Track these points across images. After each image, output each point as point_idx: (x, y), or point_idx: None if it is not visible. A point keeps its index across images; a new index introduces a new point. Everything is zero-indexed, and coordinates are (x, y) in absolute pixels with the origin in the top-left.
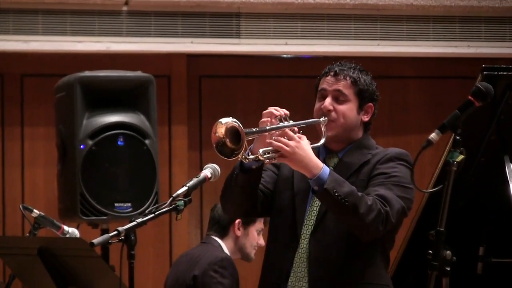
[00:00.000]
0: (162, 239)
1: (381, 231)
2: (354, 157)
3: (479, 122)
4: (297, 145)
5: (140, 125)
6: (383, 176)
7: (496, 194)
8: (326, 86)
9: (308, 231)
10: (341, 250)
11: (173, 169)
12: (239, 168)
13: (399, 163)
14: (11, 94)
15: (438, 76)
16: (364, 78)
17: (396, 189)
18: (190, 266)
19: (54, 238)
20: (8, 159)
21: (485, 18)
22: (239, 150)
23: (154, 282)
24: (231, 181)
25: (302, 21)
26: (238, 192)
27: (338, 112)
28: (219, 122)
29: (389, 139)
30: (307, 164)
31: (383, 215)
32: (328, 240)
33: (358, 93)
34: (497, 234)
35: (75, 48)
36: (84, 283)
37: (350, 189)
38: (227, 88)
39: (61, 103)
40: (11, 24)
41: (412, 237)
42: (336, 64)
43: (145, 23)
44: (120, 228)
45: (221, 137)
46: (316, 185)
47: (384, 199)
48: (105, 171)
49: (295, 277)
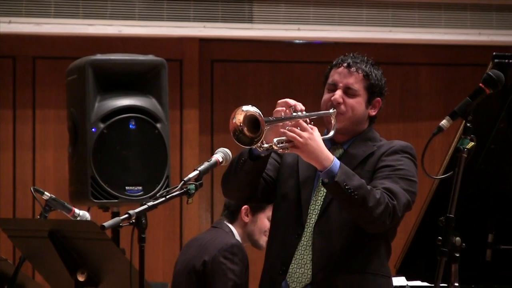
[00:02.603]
0: (172, 223)
1: (388, 225)
2: (359, 149)
3: (489, 110)
4: (310, 136)
5: (152, 109)
6: (389, 169)
7: (506, 182)
8: (337, 78)
9: (313, 220)
10: (345, 240)
11: (184, 152)
12: (248, 155)
13: (404, 156)
14: (23, 76)
15: (449, 63)
16: (376, 73)
17: (402, 182)
18: (200, 251)
19: (65, 221)
20: (19, 142)
21: (496, 6)
22: (258, 138)
23: (164, 266)
24: (237, 166)
25: (314, 6)
26: (242, 177)
27: (348, 105)
28: (240, 108)
29: (400, 125)
30: (318, 156)
31: (390, 209)
32: (332, 230)
33: (368, 88)
34: (506, 221)
35: (87, 31)
36: (94, 265)
37: (360, 183)
38: (239, 73)
39: (72, 86)
40: (24, 6)
41: (422, 222)
42: (349, 56)
43: (158, 6)
44: (131, 212)
45: (238, 124)
46: (326, 177)
47: (392, 193)
48: (116, 155)
49: (297, 264)
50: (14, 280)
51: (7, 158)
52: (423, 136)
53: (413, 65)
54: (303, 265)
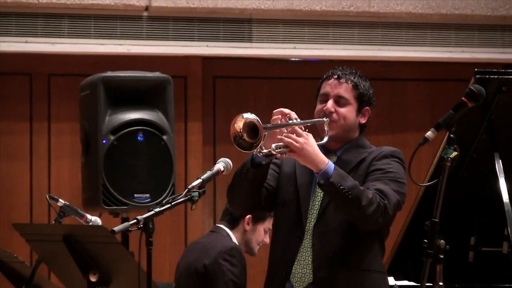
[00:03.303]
0: (178, 227)
1: (380, 222)
2: (352, 155)
3: (471, 122)
4: (305, 141)
5: (159, 122)
6: (379, 172)
7: (487, 188)
8: (328, 89)
9: (312, 223)
10: (342, 240)
11: (188, 162)
12: (250, 163)
13: (393, 160)
14: (39, 92)
15: (434, 78)
16: (364, 84)
17: (392, 184)
18: (201, 254)
19: (78, 226)
20: (36, 152)
21: (478, 25)
22: (257, 143)
23: (170, 267)
24: (241, 176)
25: (309, 27)
26: (246, 186)
27: (339, 114)
28: (240, 115)
29: (389, 136)
30: (314, 159)
31: (382, 207)
32: (329, 231)
33: (358, 97)
34: (487, 225)
35: (98, 50)
36: (105, 267)
37: (354, 183)
38: (239, 88)
39: (85, 101)
40: (39, 27)
41: (409, 226)
42: (339, 69)
43: (164, 27)
44: (139, 217)
45: (238, 131)
46: (322, 179)
47: (383, 193)
48: (125, 164)
49: (299, 265)
50: (31, 281)
51: (24, 168)
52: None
53: (401, 80)
54: (305, 266)
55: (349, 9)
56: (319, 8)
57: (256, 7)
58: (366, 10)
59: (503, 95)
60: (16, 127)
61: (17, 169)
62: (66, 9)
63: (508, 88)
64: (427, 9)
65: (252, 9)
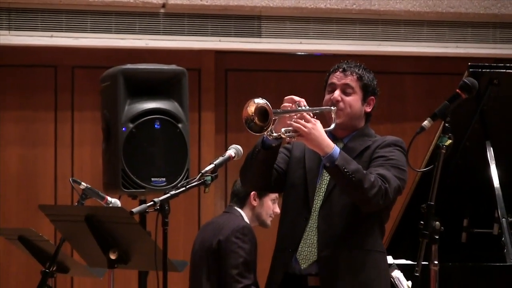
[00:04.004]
0: (191, 209)
1: (381, 205)
2: (357, 143)
3: (465, 112)
4: (313, 126)
5: (174, 111)
6: (382, 159)
7: (479, 174)
8: (335, 80)
9: (318, 205)
10: (345, 221)
11: (202, 149)
12: (261, 145)
13: (395, 148)
14: (63, 83)
15: (430, 72)
16: (368, 75)
17: (394, 170)
18: (215, 232)
19: (99, 207)
20: (60, 140)
21: (471, 23)
22: (267, 126)
23: (185, 246)
24: (252, 156)
25: (314, 23)
26: (257, 166)
27: (346, 102)
28: (252, 100)
29: (388, 126)
30: (320, 143)
31: (383, 190)
32: (334, 213)
33: (363, 87)
34: (479, 208)
35: (119, 44)
36: (124, 246)
37: (357, 167)
38: (249, 81)
39: (106, 92)
40: (64, 23)
41: (406, 209)
42: (344, 62)
43: (179, 23)
44: (156, 199)
45: (250, 114)
46: (328, 161)
47: (384, 178)
48: (143, 150)
49: (305, 243)
50: (55, 258)
51: (50, 154)
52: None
53: (399, 74)
54: (310, 244)
55: (351, 7)
56: (324, 6)
57: (265, 4)
58: (367, 8)
59: (495, 87)
60: (41, 116)
61: (43, 155)
62: (88, 6)
63: (499, 81)
64: (424, 7)
65: (262, 6)
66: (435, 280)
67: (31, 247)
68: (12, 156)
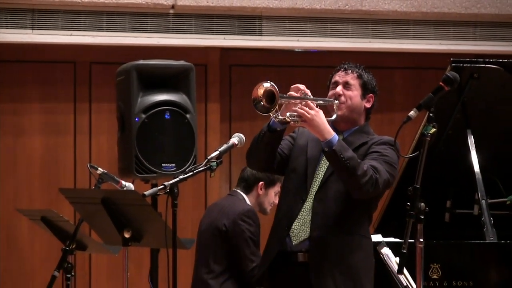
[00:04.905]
0: (198, 192)
1: (371, 193)
2: (356, 138)
3: (448, 103)
4: (316, 113)
5: (183, 103)
6: (376, 154)
7: (460, 160)
8: (338, 78)
9: (314, 189)
10: (338, 207)
11: (208, 137)
12: (267, 128)
13: (389, 147)
14: (82, 78)
15: (416, 67)
16: (367, 75)
17: (385, 165)
18: (221, 214)
19: (114, 190)
20: (79, 129)
21: (453, 22)
22: (273, 108)
23: (192, 226)
24: (258, 139)
25: (310, 22)
26: (262, 148)
27: (346, 96)
28: (261, 83)
29: (378, 116)
30: (322, 130)
31: (373, 180)
32: (329, 198)
33: (362, 85)
34: (461, 191)
35: (132, 42)
36: (137, 225)
37: (352, 155)
38: (251, 75)
39: (121, 85)
40: (82, 22)
41: (394, 192)
42: (346, 63)
43: (187, 23)
44: (166, 183)
45: (259, 96)
46: (326, 146)
47: (376, 169)
48: (154, 139)
49: (299, 223)
50: (75, 237)
51: (69, 142)
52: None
53: (388, 68)
54: (304, 223)
55: (344, 7)
56: (319, 6)
57: (266, 5)
58: (358, 8)
59: (475, 81)
60: (62, 107)
61: (63, 143)
62: (105, 7)
63: (479, 75)
64: (410, 8)
65: (262, 7)
66: (420, 256)
67: (52, 227)
68: (36, 144)
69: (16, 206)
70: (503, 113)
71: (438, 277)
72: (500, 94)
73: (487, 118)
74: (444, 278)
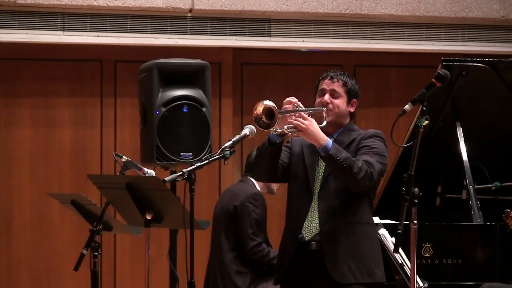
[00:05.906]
0: (213, 179)
1: (367, 186)
2: (345, 137)
3: (439, 98)
4: (309, 123)
5: (199, 98)
6: (366, 148)
7: (450, 149)
8: (325, 86)
9: (317, 189)
10: (340, 201)
11: (222, 129)
12: (268, 142)
13: (377, 139)
14: (108, 75)
15: (411, 65)
16: (351, 82)
17: (376, 156)
18: (232, 198)
19: (137, 177)
20: (105, 121)
21: (444, 24)
22: (273, 123)
23: (207, 209)
24: (261, 153)
25: (315, 25)
26: (266, 162)
27: (334, 104)
28: (260, 102)
29: (375, 110)
30: (316, 137)
31: (368, 174)
32: (330, 194)
33: (347, 92)
34: (450, 177)
35: (153, 43)
36: (158, 209)
37: (347, 155)
38: (261, 73)
39: (143, 81)
40: (108, 24)
41: (391, 178)
42: (331, 71)
43: (204, 25)
44: (184, 170)
45: (258, 114)
46: (323, 152)
47: (369, 163)
48: (173, 130)
49: (308, 221)
50: (102, 219)
51: (96, 133)
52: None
53: (385, 67)
54: (313, 221)
55: (345, 11)
56: (322, 10)
57: (274, 9)
58: (358, 12)
59: (463, 78)
60: (90, 101)
61: (91, 134)
62: (128, 11)
63: (467, 73)
64: (405, 12)
65: (271, 11)
66: (414, 237)
67: (81, 209)
68: (66, 135)
69: (48, 190)
70: (489, 107)
71: (430, 255)
72: (486, 90)
73: (475, 112)
74: (436, 256)
